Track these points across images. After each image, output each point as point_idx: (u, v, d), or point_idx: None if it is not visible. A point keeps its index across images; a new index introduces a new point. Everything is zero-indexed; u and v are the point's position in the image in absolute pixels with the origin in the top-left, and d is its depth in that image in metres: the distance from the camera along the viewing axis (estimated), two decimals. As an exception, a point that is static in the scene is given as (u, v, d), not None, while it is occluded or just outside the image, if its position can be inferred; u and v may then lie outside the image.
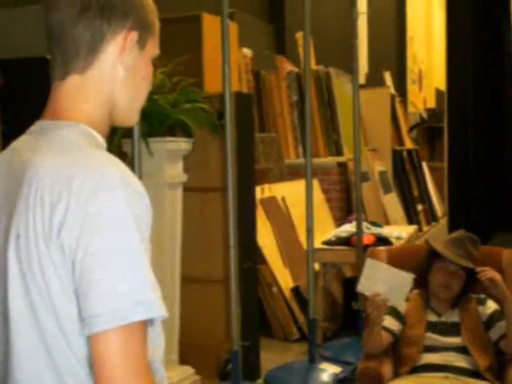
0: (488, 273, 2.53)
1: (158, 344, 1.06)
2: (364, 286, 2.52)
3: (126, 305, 0.93)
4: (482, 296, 2.68)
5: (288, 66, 6.33)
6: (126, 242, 0.95)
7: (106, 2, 1.05)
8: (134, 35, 1.07)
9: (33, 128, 1.10)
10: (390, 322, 2.67)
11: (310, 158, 3.94)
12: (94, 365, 0.95)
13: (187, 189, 3.33)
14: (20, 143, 1.10)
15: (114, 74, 1.08)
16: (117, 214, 0.95)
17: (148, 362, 0.97)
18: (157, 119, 3.11)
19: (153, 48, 1.12)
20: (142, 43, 1.09)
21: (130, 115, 1.13)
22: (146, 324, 0.96)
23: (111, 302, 0.93)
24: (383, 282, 2.46)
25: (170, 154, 3.17)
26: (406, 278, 2.48)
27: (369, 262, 2.58)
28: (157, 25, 1.12)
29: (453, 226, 4.98)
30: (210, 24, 3.91)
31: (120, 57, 1.07)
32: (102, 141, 1.08)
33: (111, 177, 0.97)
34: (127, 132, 2.88)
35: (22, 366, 1.00)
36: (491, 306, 2.65)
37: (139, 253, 0.95)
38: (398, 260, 2.93)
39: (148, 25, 1.10)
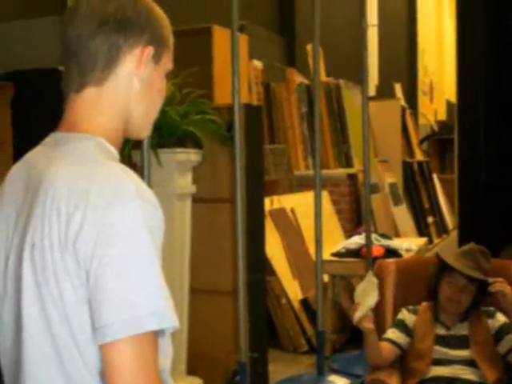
0: (499, 285, 2.52)
1: (167, 354, 1.07)
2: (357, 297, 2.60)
3: (140, 314, 0.94)
4: (492, 309, 2.66)
5: (298, 78, 6.35)
6: (140, 252, 0.96)
7: (122, 17, 1.08)
8: (150, 50, 1.10)
9: (47, 140, 1.11)
10: (395, 334, 2.66)
11: (319, 169, 3.94)
12: (105, 374, 0.95)
13: (196, 200, 3.34)
14: (35, 154, 1.11)
15: (130, 87, 1.10)
16: (131, 225, 0.96)
17: (159, 372, 0.97)
18: (167, 130, 3.12)
19: (167, 62, 1.15)
20: (157, 58, 1.11)
21: (143, 127, 1.15)
22: (157, 334, 0.97)
23: (124, 312, 0.93)
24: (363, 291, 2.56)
25: (180, 165, 3.19)
26: (372, 280, 2.58)
27: (369, 276, 2.62)
28: (171, 40, 1.15)
29: (463, 239, 4.94)
30: (221, 36, 3.93)
31: (136, 70, 1.10)
32: (115, 153, 1.09)
33: (126, 189, 0.98)
34: (137, 143, 2.90)
35: (33, 374, 1.01)
36: (500, 319, 2.63)
37: (153, 264, 0.97)
38: (407, 272, 2.93)
39: (163, 40, 1.13)
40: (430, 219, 7.97)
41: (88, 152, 1.04)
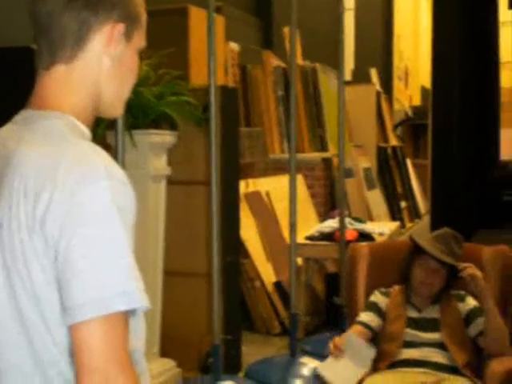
0: (469, 270, 2.55)
1: (140, 336, 1.06)
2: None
3: (109, 295, 0.93)
4: (462, 292, 2.70)
5: (275, 61, 6.33)
6: (110, 232, 0.95)
7: None
8: (120, 27, 1.07)
9: (17, 117, 1.09)
10: (369, 317, 2.69)
11: (294, 153, 3.95)
12: (75, 354, 0.95)
13: (171, 182, 3.32)
14: (5, 132, 1.09)
15: (100, 64, 1.08)
16: (101, 205, 0.95)
17: (129, 353, 0.97)
18: (141, 111, 3.10)
19: (139, 40, 1.12)
20: (128, 35, 1.09)
21: (115, 106, 1.13)
22: (128, 315, 0.97)
23: (94, 292, 0.93)
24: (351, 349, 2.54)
25: (154, 147, 3.17)
26: (370, 351, 2.55)
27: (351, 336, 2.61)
28: (144, 17, 1.13)
29: (435, 223, 5.00)
30: (197, 17, 3.90)
31: (106, 48, 1.07)
32: (87, 131, 1.08)
33: (96, 168, 0.97)
34: (111, 124, 2.87)
35: (2, 356, 1.01)
36: (471, 302, 2.67)
37: (122, 243, 0.96)
38: (380, 255, 2.96)
39: (135, 16, 1.10)
40: (403, 204, 8.05)
41: (57, 131, 1.02)
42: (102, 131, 3.04)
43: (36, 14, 1.07)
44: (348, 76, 8.05)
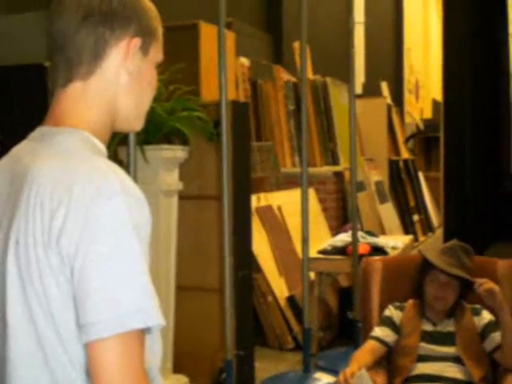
0: (486, 285, 2.51)
1: (155, 352, 1.06)
2: None
3: (125, 312, 0.93)
4: (478, 306, 2.67)
5: (285, 76, 6.35)
6: (125, 249, 0.95)
7: (108, 9, 1.06)
8: (136, 41, 1.08)
9: (33, 134, 1.10)
10: (384, 332, 2.66)
11: (305, 167, 3.94)
12: (91, 372, 0.94)
13: (183, 197, 3.32)
14: (20, 149, 1.10)
15: (118, 80, 1.08)
16: (116, 221, 0.95)
17: (146, 370, 0.96)
18: (153, 127, 3.10)
19: (156, 53, 1.13)
20: (145, 49, 1.10)
21: (135, 120, 1.14)
22: (144, 332, 0.96)
23: (110, 310, 0.92)
24: None
25: (166, 162, 3.17)
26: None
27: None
28: (160, 30, 1.13)
29: (448, 237, 4.97)
30: (208, 33, 3.91)
31: (123, 63, 1.08)
32: (102, 148, 1.08)
33: (111, 184, 0.96)
34: (123, 139, 2.88)
35: (18, 373, 1.00)
36: (486, 316, 2.64)
37: (138, 260, 0.95)
38: (393, 270, 2.93)
39: (151, 30, 1.10)
40: (416, 217, 8.00)
41: (72, 147, 1.02)
42: (113, 147, 3.05)
43: (52, 32, 1.07)
44: (359, 89, 8.05)
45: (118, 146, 3.08)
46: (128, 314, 0.93)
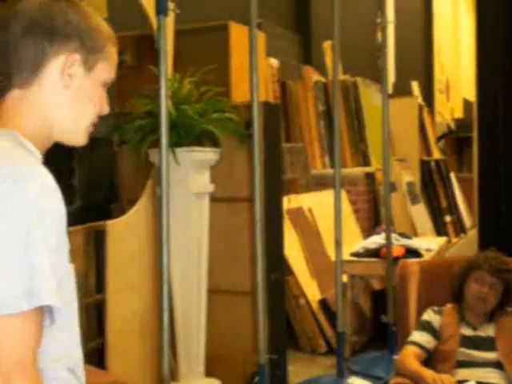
0: None
1: (62, 342, 1.06)
2: None
3: (14, 294, 0.94)
4: (518, 311, 2.60)
5: (314, 76, 6.30)
6: (21, 232, 0.96)
7: (50, 24, 1.10)
8: (75, 57, 1.12)
9: None
10: (424, 338, 2.60)
11: (338, 168, 3.88)
12: None
13: (214, 199, 3.29)
14: None
15: (56, 92, 1.12)
16: (17, 204, 0.97)
17: (35, 356, 0.97)
18: (184, 129, 3.08)
19: (104, 71, 1.16)
20: (88, 66, 1.14)
21: (74, 134, 1.16)
22: (38, 317, 0.97)
23: None
24: None
25: (197, 164, 3.15)
26: None
27: None
28: (110, 50, 1.17)
29: (483, 238, 4.87)
30: (238, 33, 3.89)
31: (61, 76, 1.12)
32: (33, 149, 1.10)
33: (18, 169, 0.99)
34: (155, 142, 2.86)
35: None
36: (527, 321, 2.57)
37: (35, 243, 0.96)
38: (430, 273, 2.87)
39: (96, 48, 1.14)
40: (448, 218, 7.88)
41: (8, 145, 1.06)
42: (144, 149, 3.04)
43: (5, 40, 1.12)
44: (389, 89, 7.96)
45: (149, 149, 3.06)
46: (17, 296, 0.94)
